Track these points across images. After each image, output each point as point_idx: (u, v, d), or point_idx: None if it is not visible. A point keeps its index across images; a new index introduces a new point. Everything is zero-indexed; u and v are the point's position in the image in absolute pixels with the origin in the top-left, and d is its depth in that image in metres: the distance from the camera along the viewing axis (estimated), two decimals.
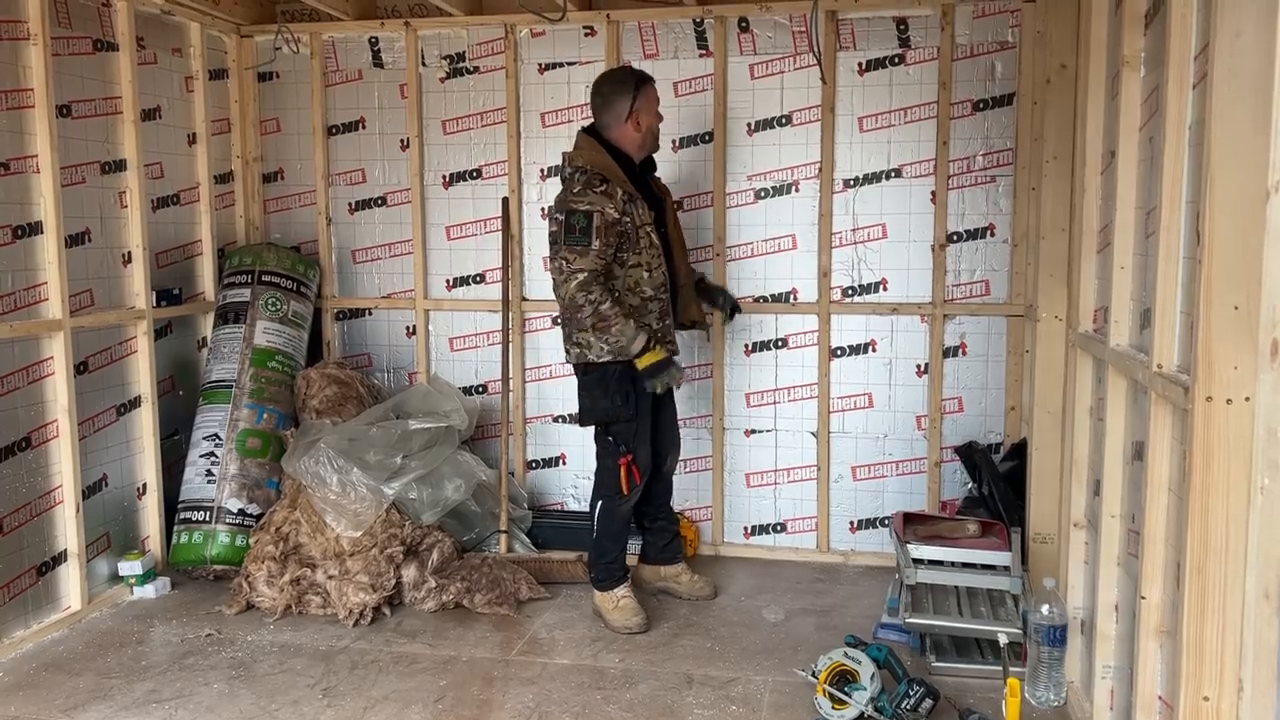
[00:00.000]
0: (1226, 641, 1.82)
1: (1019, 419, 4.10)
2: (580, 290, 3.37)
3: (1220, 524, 1.82)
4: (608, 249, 3.40)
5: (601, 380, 3.51)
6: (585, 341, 3.48)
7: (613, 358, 3.46)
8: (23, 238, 3.50)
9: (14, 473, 3.48)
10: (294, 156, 4.69)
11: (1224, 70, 1.75)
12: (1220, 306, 1.78)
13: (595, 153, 3.48)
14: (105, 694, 3.14)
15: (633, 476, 3.59)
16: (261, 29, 4.59)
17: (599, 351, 3.46)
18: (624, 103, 3.51)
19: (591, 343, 3.46)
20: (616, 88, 3.55)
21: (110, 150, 3.91)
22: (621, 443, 3.57)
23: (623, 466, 3.57)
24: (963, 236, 4.12)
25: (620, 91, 3.53)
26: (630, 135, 3.54)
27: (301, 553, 3.84)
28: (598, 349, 3.46)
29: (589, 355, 3.49)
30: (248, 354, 4.21)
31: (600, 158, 3.47)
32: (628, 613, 3.63)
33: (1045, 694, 2.98)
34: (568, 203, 3.41)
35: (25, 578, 3.53)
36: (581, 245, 3.35)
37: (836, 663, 2.91)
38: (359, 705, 3.05)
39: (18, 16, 3.45)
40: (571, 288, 3.37)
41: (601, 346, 3.45)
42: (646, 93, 3.56)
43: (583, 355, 3.51)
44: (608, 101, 3.54)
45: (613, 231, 3.40)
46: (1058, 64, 3.33)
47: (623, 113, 3.52)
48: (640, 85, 3.54)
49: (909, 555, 3.42)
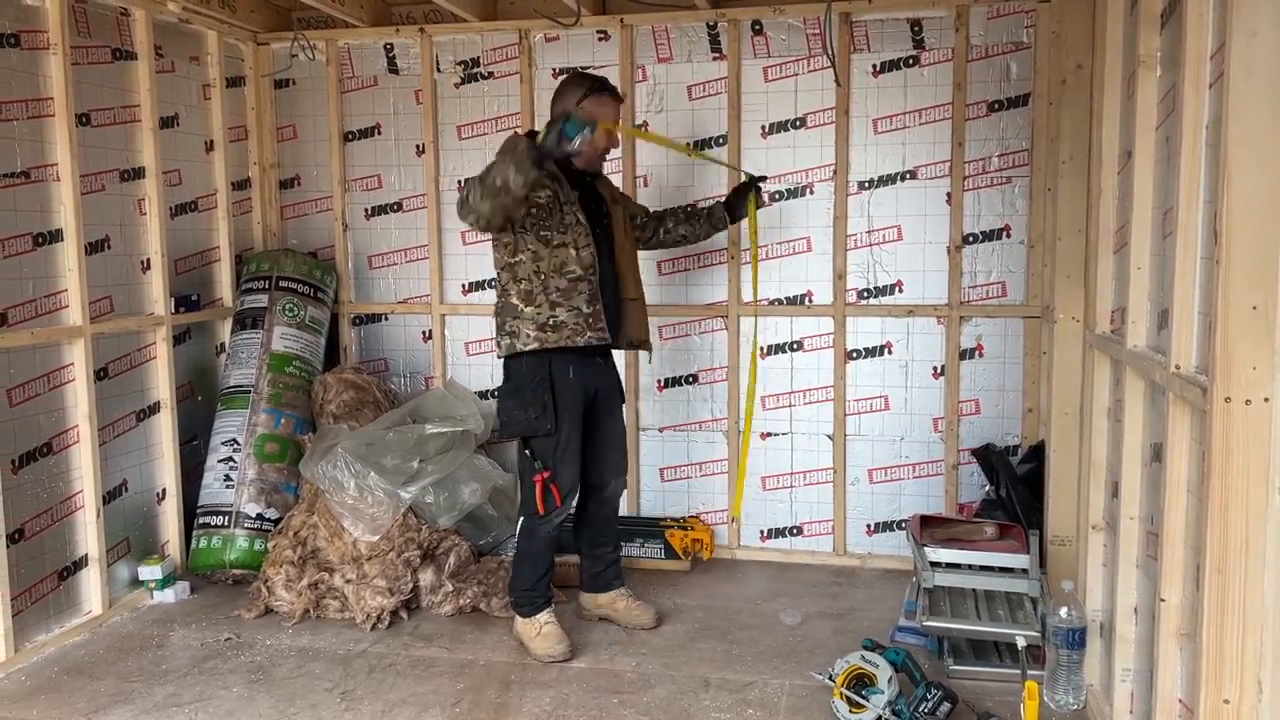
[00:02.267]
0: (1247, 643, 1.81)
1: (1037, 421, 4.08)
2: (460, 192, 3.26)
3: (1239, 525, 1.81)
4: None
5: (516, 390, 3.37)
6: (514, 329, 3.35)
7: (539, 344, 3.31)
8: (43, 245, 3.54)
9: (35, 478, 3.51)
10: (310, 163, 4.72)
11: (1240, 69, 1.74)
12: (1238, 307, 1.77)
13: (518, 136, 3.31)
14: (126, 697, 3.16)
15: (550, 495, 3.36)
16: (278, 36, 4.62)
17: (526, 339, 3.32)
18: (572, 97, 3.38)
19: (520, 329, 3.33)
20: (573, 82, 3.44)
21: (129, 158, 3.94)
22: (538, 458, 3.36)
23: (538, 484, 3.35)
24: (978, 238, 4.11)
25: (574, 86, 3.42)
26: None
27: (319, 557, 3.85)
28: (525, 336, 3.32)
29: (517, 344, 3.34)
30: (265, 359, 4.24)
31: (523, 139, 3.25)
32: (550, 640, 3.42)
33: (1064, 697, 2.96)
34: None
35: (47, 582, 3.56)
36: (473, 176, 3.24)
37: (854, 666, 2.90)
38: (377, 709, 3.07)
39: (38, 26, 3.49)
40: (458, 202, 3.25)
41: (528, 332, 3.31)
42: (599, 99, 3.40)
43: (512, 345, 3.36)
44: (561, 92, 3.43)
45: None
46: (1073, 64, 3.31)
47: (568, 105, 3.36)
48: (595, 89, 3.41)
49: (926, 558, 3.40)
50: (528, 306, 3.34)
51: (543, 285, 3.33)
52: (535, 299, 3.33)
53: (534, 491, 3.37)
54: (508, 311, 3.39)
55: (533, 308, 3.34)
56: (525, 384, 3.36)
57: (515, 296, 3.36)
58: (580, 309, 3.36)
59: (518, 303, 3.36)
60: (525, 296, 3.34)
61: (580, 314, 3.35)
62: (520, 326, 3.35)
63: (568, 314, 3.34)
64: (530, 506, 3.41)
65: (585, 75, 3.53)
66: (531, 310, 3.34)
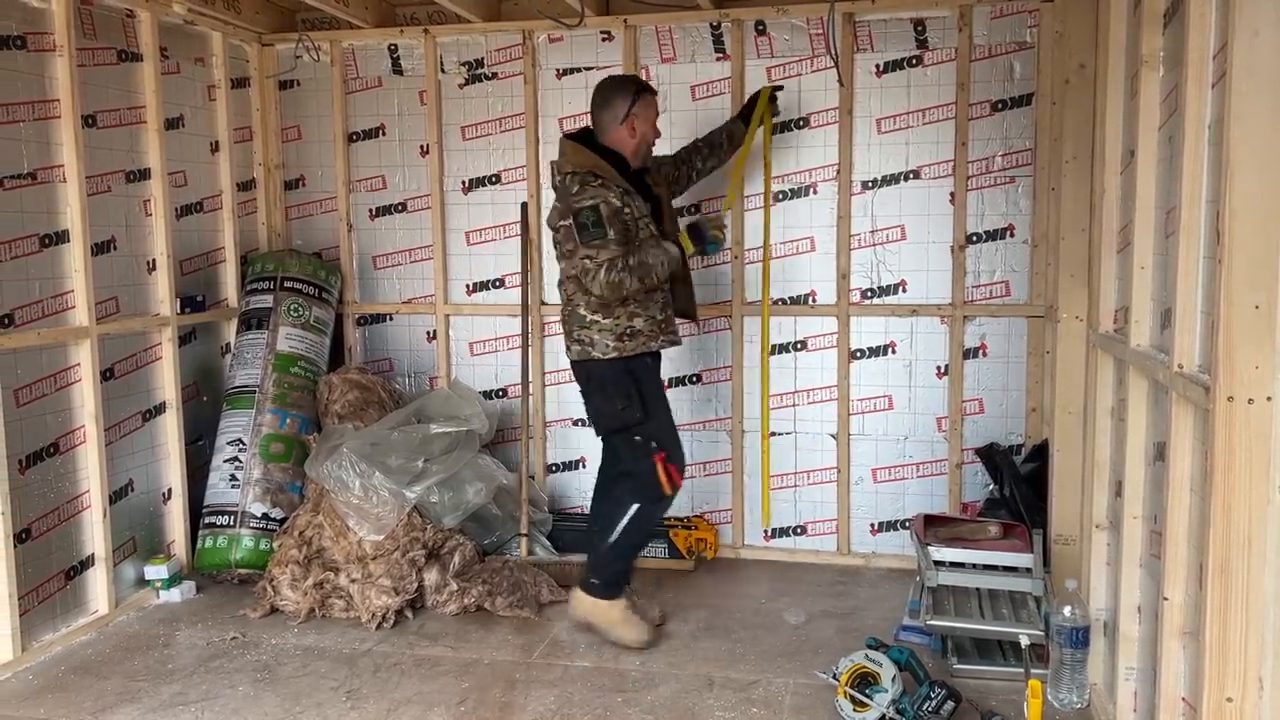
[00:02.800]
0: (1250, 641, 1.82)
1: (1040, 420, 4.08)
2: (609, 272, 3.28)
3: (1242, 523, 1.81)
4: (622, 236, 3.32)
5: (601, 387, 3.46)
6: (587, 339, 3.43)
7: (619, 354, 3.40)
8: (50, 246, 3.55)
9: (42, 478, 3.53)
10: (315, 163, 4.73)
11: (1242, 69, 1.75)
12: (1241, 306, 1.77)
13: (581, 155, 3.43)
14: (133, 696, 3.18)
15: (671, 475, 3.45)
16: (282, 37, 4.63)
17: (604, 348, 3.41)
18: (622, 104, 3.46)
19: (595, 339, 3.42)
20: (617, 90, 3.51)
21: (135, 159, 3.96)
22: (651, 439, 3.45)
23: (659, 464, 3.42)
24: (982, 237, 4.11)
25: (620, 94, 3.49)
26: (625, 138, 3.48)
27: (324, 556, 3.87)
28: (602, 345, 3.41)
29: (592, 352, 3.43)
30: (271, 359, 4.26)
31: (588, 158, 3.42)
32: (639, 630, 3.49)
33: (1068, 696, 2.96)
34: (570, 205, 3.35)
35: (54, 582, 3.58)
36: (599, 238, 3.28)
37: (858, 665, 2.91)
38: (382, 707, 3.08)
39: (44, 28, 3.50)
40: (602, 276, 3.28)
41: (607, 342, 3.40)
42: (646, 101, 3.50)
43: (585, 352, 3.45)
44: (607, 101, 3.49)
45: (620, 218, 3.33)
46: (1076, 64, 3.32)
47: (619, 114, 3.46)
48: (641, 92, 3.50)
49: (930, 557, 3.41)
50: (605, 319, 3.42)
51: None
52: (613, 310, 3.41)
53: (656, 474, 3.43)
54: (575, 320, 3.47)
55: (611, 319, 3.42)
56: (608, 380, 3.45)
57: (584, 308, 3.43)
58: (655, 316, 3.48)
59: (585, 313, 3.43)
60: (599, 308, 3.41)
61: (654, 321, 3.47)
62: (594, 337, 3.43)
63: (644, 323, 3.45)
64: (654, 490, 3.45)
65: (627, 79, 3.62)
66: (610, 322, 3.42)
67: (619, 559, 3.54)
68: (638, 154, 3.53)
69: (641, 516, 3.50)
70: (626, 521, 3.48)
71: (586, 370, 3.50)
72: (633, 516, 3.48)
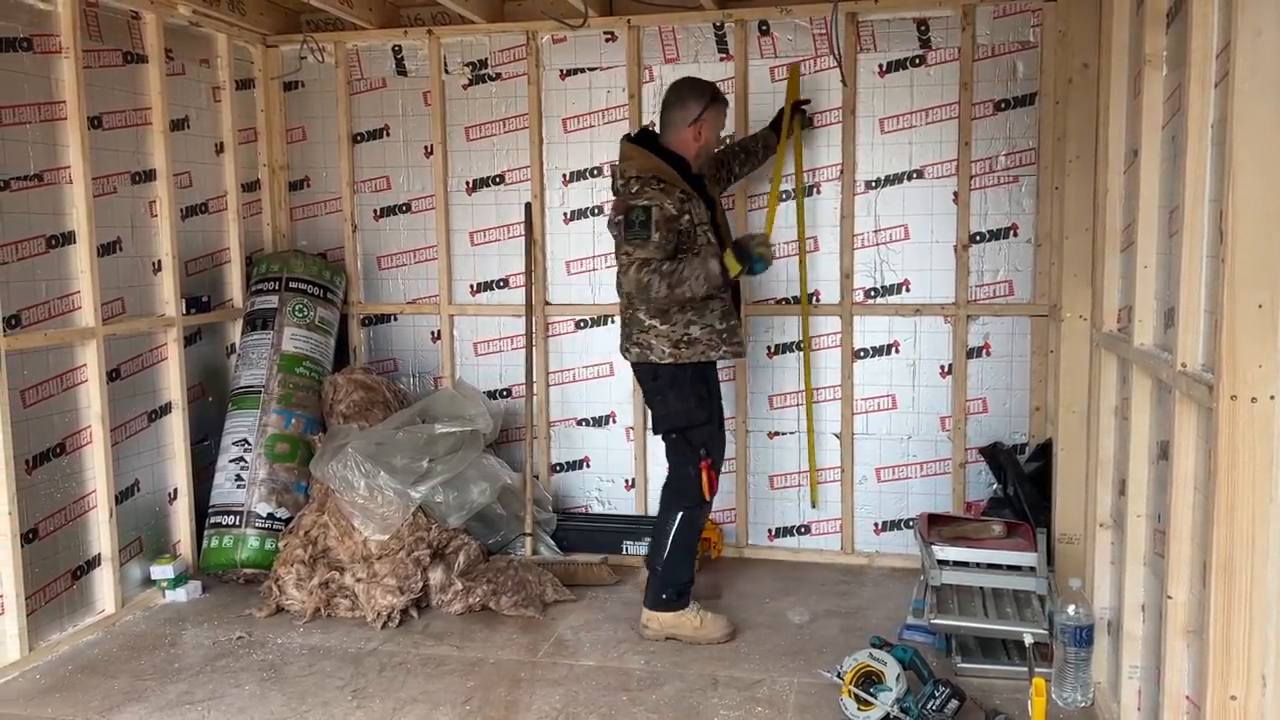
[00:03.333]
0: (1253, 639, 1.82)
1: (1044, 419, 4.08)
2: (639, 270, 3.31)
3: (1246, 522, 1.82)
4: (666, 242, 3.33)
5: (673, 383, 3.47)
6: (645, 342, 3.46)
7: (674, 360, 3.43)
8: (56, 247, 3.57)
9: (49, 479, 3.54)
10: (320, 164, 4.74)
11: (1245, 69, 1.75)
12: (1244, 305, 1.78)
13: (645, 159, 3.45)
14: (140, 695, 3.19)
15: (712, 481, 3.50)
16: (287, 39, 4.64)
17: (661, 354, 3.44)
18: (696, 106, 3.49)
19: (653, 344, 3.44)
20: (694, 91, 3.54)
21: (140, 160, 3.97)
22: (700, 445, 3.49)
23: (704, 471, 3.47)
24: (985, 237, 4.11)
25: (696, 96, 3.51)
26: (689, 141, 3.51)
27: (330, 556, 3.88)
28: (659, 351, 3.43)
29: (650, 356, 3.46)
30: (276, 360, 4.27)
31: (651, 162, 3.44)
32: (718, 623, 3.56)
33: (1072, 695, 2.97)
34: (626, 203, 3.37)
35: (61, 581, 3.59)
36: (640, 238, 3.31)
37: (862, 664, 2.91)
38: (388, 706, 3.09)
39: (50, 30, 3.52)
40: (632, 272, 3.31)
41: (663, 348, 3.42)
42: (718, 108, 3.56)
43: (643, 355, 3.48)
44: (682, 99, 3.52)
45: (671, 227, 3.34)
46: (1079, 63, 3.32)
47: (690, 115, 3.49)
48: (715, 99, 3.54)
49: (934, 556, 3.41)
50: (661, 324, 3.43)
51: (678, 305, 3.41)
52: (670, 317, 3.43)
53: (699, 479, 3.48)
54: (635, 324, 3.49)
55: (667, 325, 3.43)
56: (677, 377, 3.46)
57: (643, 313, 3.45)
58: (714, 325, 3.47)
59: (644, 318, 3.45)
60: (658, 314, 3.43)
61: (714, 330, 3.47)
62: (652, 341, 3.45)
63: (701, 330, 3.45)
64: (695, 496, 3.50)
65: (705, 84, 3.60)
66: (666, 329, 3.43)
67: (679, 566, 3.56)
68: (699, 159, 3.56)
69: (688, 522, 3.54)
70: (675, 531, 3.53)
71: (653, 370, 3.50)
72: (680, 525, 3.53)
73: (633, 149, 3.51)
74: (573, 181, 4.46)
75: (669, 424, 3.52)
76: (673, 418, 3.50)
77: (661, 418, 3.53)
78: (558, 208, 4.50)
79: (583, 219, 4.47)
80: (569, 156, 4.45)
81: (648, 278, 3.30)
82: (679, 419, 3.49)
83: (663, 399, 3.50)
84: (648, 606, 3.57)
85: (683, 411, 3.47)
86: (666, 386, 3.48)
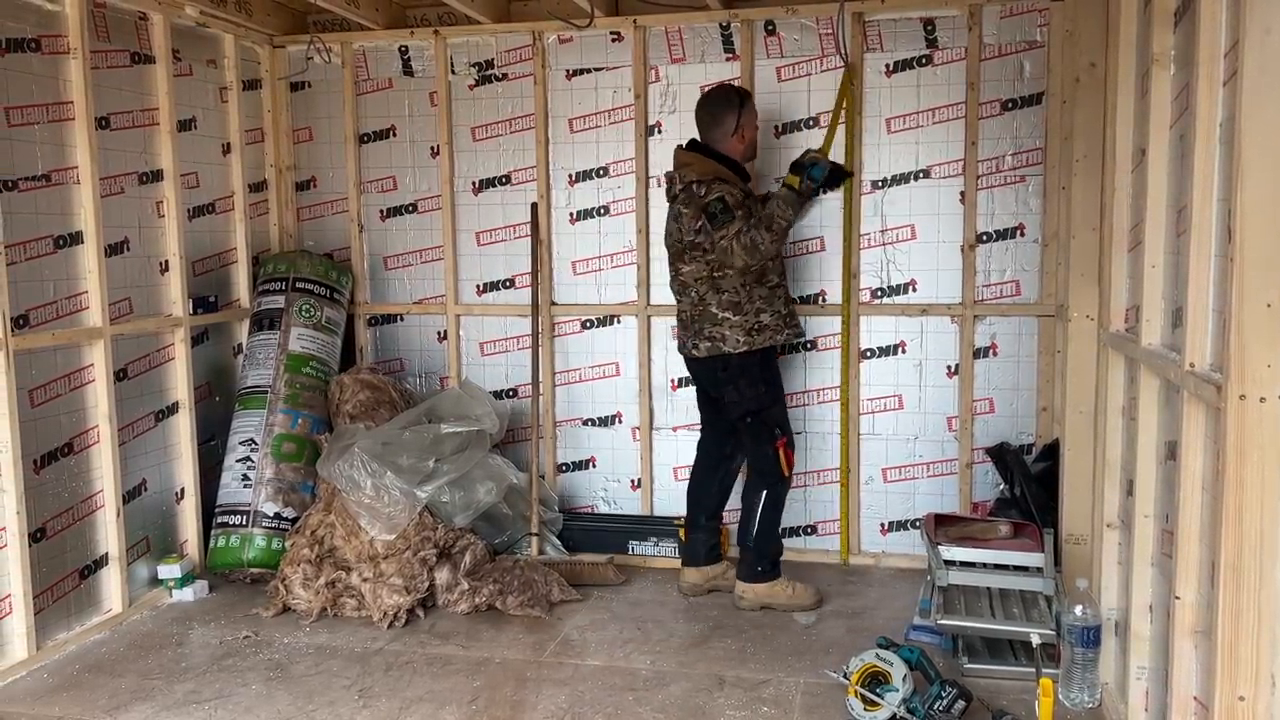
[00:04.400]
0: (1262, 640, 1.81)
1: (1051, 419, 4.07)
2: (739, 239, 3.52)
3: (1254, 522, 1.81)
4: (747, 214, 3.57)
5: (744, 370, 3.68)
6: (718, 335, 3.67)
7: (749, 348, 3.65)
8: (64, 247, 3.58)
9: (57, 478, 3.55)
10: (326, 165, 4.75)
11: (1254, 67, 1.75)
12: (1252, 304, 1.77)
13: (703, 164, 3.67)
14: (147, 694, 3.19)
15: (789, 459, 3.77)
16: (293, 39, 4.65)
17: (735, 344, 3.65)
18: (731, 119, 3.70)
19: (726, 334, 3.65)
20: (723, 106, 3.73)
21: (148, 161, 3.98)
22: (776, 425, 3.76)
23: (781, 449, 3.74)
24: (992, 236, 4.10)
25: (727, 109, 3.71)
26: (736, 147, 3.74)
27: (336, 556, 3.88)
28: (733, 340, 3.64)
29: (723, 347, 3.66)
30: (282, 360, 4.27)
31: (710, 166, 3.66)
32: (809, 592, 3.82)
33: (1079, 695, 2.96)
34: (702, 202, 3.58)
35: (68, 581, 3.60)
36: (726, 220, 3.54)
37: (868, 664, 2.91)
38: (394, 706, 3.09)
39: (58, 31, 3.53)
40: (736, 246, 3.53)
41: (737, 337, 3.64)
42: (749, 108, 3.76)
43: (716, 348, 3.68)
44: (716, 120, 3.73)
45: (744, 204, 3.58)
46: (1087, 62, 3.31)
47: (730, 128, 3.71)
48: (744, 102, 3.74)
49: (940, 557, 3.41)
50: (735, 315, 3.66)
51: (748, 295, 3.67)
52: (742, 308, 3.67)
53: (779, 458, 3.77)
54: (706, 319, 3.70)
55: (740, 316, 3.67)
56: (748, 365, 3.70)
57: (716, 306, 3.67)
58: (780, 310, 3.76)
59: (717, 311, 3.67)
60: (731, 306, 3.66)
61: (780, 315, 3.76)
62: (725, 333, 3.67)
63: (770, 317, 3.72)
64: (776, 474, 3.79)
65: (728, 94, 3.78)
66: (739, 318, 3.67)
67: (769, 540, 3.82)
68: (745, 155, 3.81)
69: (772, 498, 3.80)
70: (762, 508, 3.79)
71: (724, 362, 3.70)
72: (765, 502, 3.80)
73: (690, 155, 3.73)
74: (579, 182, 4.46)
75: (743, 408, 3.74)
76: (746, 402, 3.72)
77: (735, 403, 3.74)
78: (564, 208, 4.50)
79: (589, 219, 4.48)
80: (575, 157, 4.46)
81: (747, 238, 3.52)
82: (752, 402, 3.72)
83: (734, 387, 3.72)
84: (742, 580, 3.84)
85: (754, 396, 3.71)
86: (737, 374, 3.70)
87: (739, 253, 3.54)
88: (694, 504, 4.03)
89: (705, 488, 4.02)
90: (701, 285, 3.69)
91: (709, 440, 4.03)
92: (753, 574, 3.82)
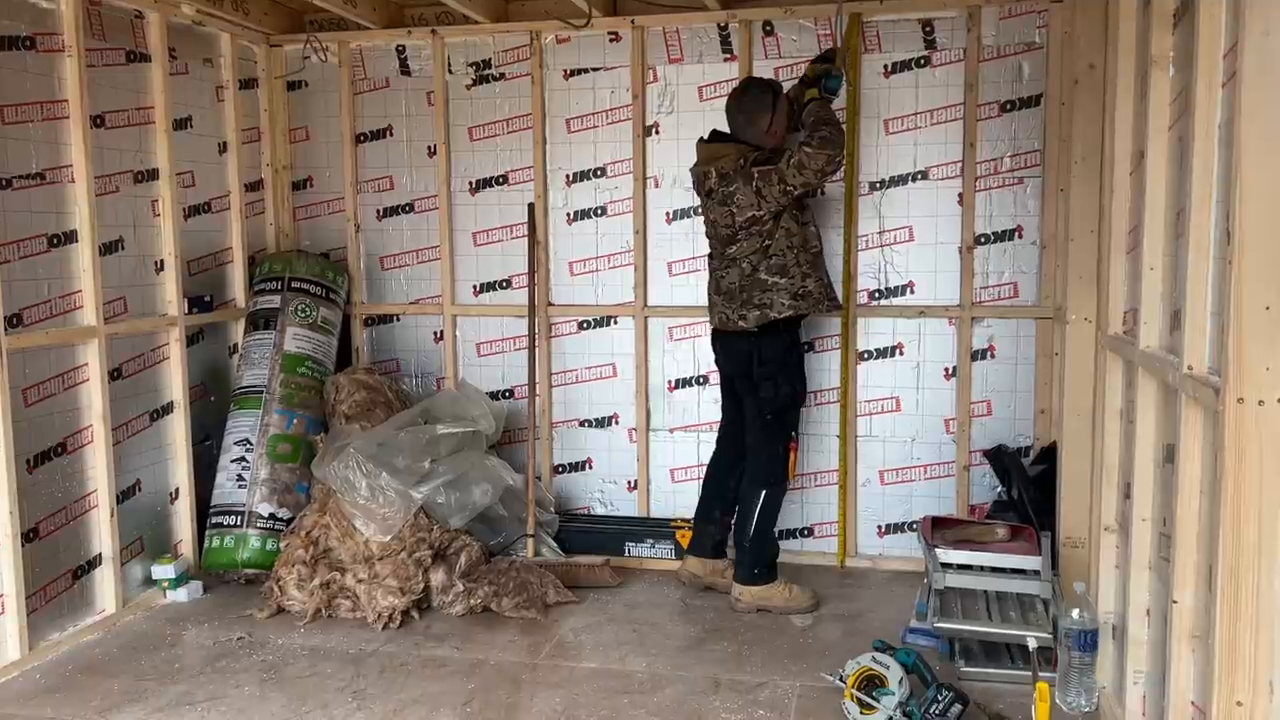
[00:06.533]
0: (1260, 645, 1.80)
1: (1049, 422, 4.06)
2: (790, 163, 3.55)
3: (1253, 526, 1.80)
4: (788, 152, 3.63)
5: (782, 365, 3.73)
6: (768, 301, 3.68)
7: (794, 312, 3.68)
8: (58, 246, 3.56)
9: (50, 478, 3.53)
10: (323, 164, 4.74)
11: (1253, 69, 1.74)
12: (1251, 307, 1.76)
13: (737, 150, 3.73)
14: (140, 696, 3.18)
15: (795, 462, 3.82)
16: (290, 39, 4.64)
17: (781, 307, 3.67)
18: (765, 118, 3.72)
19: (773, 300, 3.67)
20: (757, 106, 3.73)
21: (143, 159, 3.97)
22: (792, 427, 3.81)
23: (793, 451, 3.80)
24: (990, 238, 4.10)
25: (760, 109, 3.73)
26: (770, 139, 3.75)
27: (331, 557, 3.87)
28: (779, 305, 3.66)
29: (771, 313, 3.67)
30: (278, 360, 4.26)
31: (744, 149, 3.72)
32: (805, 594, 3.81)
33: (1076, 699, 2.95)
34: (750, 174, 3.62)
35: (61, 581, 3.59)
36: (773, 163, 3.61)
37: (865, 667, 2.90)
38: (388, 708, 3.08)
39: (53, 29, 3.51)
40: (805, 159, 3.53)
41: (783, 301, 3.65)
42: (781, 107, 3.76)
43: (765, 315, 3.68)
44: (752, 121, 3.74)
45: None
46: (1085, 64, 3.30)
47: (764, 125, 3.73)
48: (777, 103, 3.75)
49: (938, 560, 3.40)
50: (781, 279, 3.69)
51: (795, 259, 3.70)
52: (789, 271, 3.70)
53: (787, 459, 3.80)
54: (755, 286, 3.71)
55: (786, 279, 3.70)
56: (788, 358, 3.77)
57: (765, 272, 3.70)
58: (822, 279, 3.81)
59: (766, 277, 3.70)
60: (778, 270, 3.70)
61: (822, 284, 3.80)
62: (773, 297, 3.69)
63: (815, 284, 3.76)
64: (779, 476, 3.81)
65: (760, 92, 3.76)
66: (785, 281, 3.69)
67: (766, 542, 3.83)
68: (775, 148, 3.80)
69: (770, 499, 3.81)
70: (760, 509, 3.80)
71: (764, 346, 3.70)
72: (764, 503, 3.80)
73: (723, 146, 3.77)
74: (576, 182, 4.45)
75: (775, 405, 3.75)
76: (780, 399, 3.74)
77: (769, 399, 3.74)
78: (561, 208, 4.49)
79: (586, 219, 4.47)
80: (572, 157, 4.45)
81: (796, 158, 3.55)
82: (785, 401, 3.75)
83: (774, 383, 3.73)
84: (739, 582, 3.83)
85: (790, 394, 3.76)
86: (776, 369, 3.72)
87: (795, 174, 3.55)
88: (711, 496, 4.05)
89: (724, 482, 4.02)
90: (755, 256, 3.70)
91: (733, 435, 4.01)
92: (749, 576, 3.81)
